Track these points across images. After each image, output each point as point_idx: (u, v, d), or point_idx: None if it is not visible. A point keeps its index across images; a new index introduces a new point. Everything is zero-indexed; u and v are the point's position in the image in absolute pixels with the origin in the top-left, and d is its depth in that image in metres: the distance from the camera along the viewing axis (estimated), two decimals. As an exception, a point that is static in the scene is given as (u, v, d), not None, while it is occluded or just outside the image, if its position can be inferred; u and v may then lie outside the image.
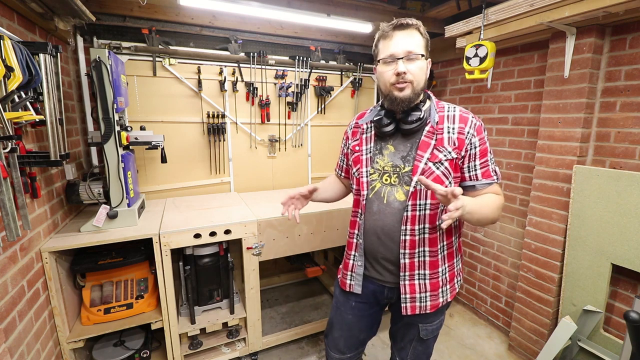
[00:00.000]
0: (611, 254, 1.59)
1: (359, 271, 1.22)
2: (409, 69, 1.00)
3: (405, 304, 1.14)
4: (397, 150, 1.12)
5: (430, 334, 1.23)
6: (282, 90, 2.57)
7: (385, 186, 1.11)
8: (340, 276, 1.31)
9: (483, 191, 1.09)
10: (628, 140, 1.58)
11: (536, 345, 1.96)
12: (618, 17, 1.47)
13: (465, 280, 2.62)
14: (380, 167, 1.13)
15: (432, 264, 1.12)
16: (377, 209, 1.12)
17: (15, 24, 1.33)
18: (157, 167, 2.32)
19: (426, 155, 1.05)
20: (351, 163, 1.22)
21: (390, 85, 1.04)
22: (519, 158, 2.11)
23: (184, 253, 1.82)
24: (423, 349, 1.27)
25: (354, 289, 1.23)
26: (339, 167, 1.40)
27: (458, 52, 2.05)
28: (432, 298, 1.14)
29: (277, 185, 2.77)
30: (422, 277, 1.13)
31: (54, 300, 1.49)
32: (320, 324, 2.19)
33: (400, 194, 1.09)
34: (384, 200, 1.11)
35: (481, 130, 1.08)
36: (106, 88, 1.56)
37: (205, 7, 1.93)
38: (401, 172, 1.09)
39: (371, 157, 1.15)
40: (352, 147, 1.22)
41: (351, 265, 1.24)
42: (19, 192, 1.16)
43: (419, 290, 1.13)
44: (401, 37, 1.01)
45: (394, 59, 1.01)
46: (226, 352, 1.94)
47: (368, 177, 1.14)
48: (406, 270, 1.11)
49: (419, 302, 1.14)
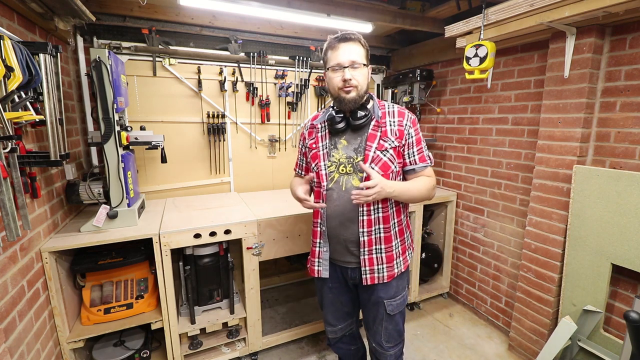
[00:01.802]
0: (611, 254, 1.58)
1: (324, 256, 1.38)
2: (353, 75, 1.19)
3: (365, 276, 1.31)
4: (350, 143, 1.29)
5: (396, 309, 1.37)
6: (282, 90, 2.57)
7: (342, 175, 1.29)
8: (309, 265, 1.44)
9: (420, 173, 1.30)
10: (628, 140, 1.58)
11: (536, 345, 1.96)
12: (618, 17, 1.47)
13: (465, 280, 2.62)
14: (337, 159, 1.30)
15: (386, 239, 1.30)
16: (336, 197, 1.29)
17: (15, 24, 1.33)
18: (157, 167, 2.32)
19: (374, 145, 1.25)
20: (309, 160, 1.38)
21: (338, 89, 1.22)
22: (519, 158, 2.11)
23: (184, 253, 1.82)
24: (393, 326, 1.40)
25: (322, 274, 1.39)
26: (299, 167, 1.55)
27: (458, 52, 2.05)
28: (388, 269, 1.32)
29: (277, 185, 2.77)
30: (379, 252, 1.31)
31: (54, 300, 1.49)
32: (320, 324, 2.19)
33: (355, 181, 1.27)
34: (343, 187, 1.28)
35: (415, 122, 1.31)
36: (106, 88, 1.56)
37: (205, 7, 1.93)
38: (355, 162, 1.27)
39: (327, 152, 1.32)
40: (310, 145, 1.38)
41: (317, 252, 1.39)
42: (19, 192, 1.16)
43: (377, 263, 1.31)
44: (346, 48, 1.19)
45: (340, 67, 1.19)
46: (226, 352, 1.94)
47: (326, 170, 1.30)
48: (365, 247, 1.29)
49: (377, 273, 1.31)
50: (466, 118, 2.46)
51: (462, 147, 2.51)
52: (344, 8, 2.10)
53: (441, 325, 2.41)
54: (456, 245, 2.67)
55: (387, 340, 1.41)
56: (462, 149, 2.52)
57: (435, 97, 2.71)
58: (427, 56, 2.66)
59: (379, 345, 1.43)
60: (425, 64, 2.73)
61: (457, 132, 2.55)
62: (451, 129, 2.59)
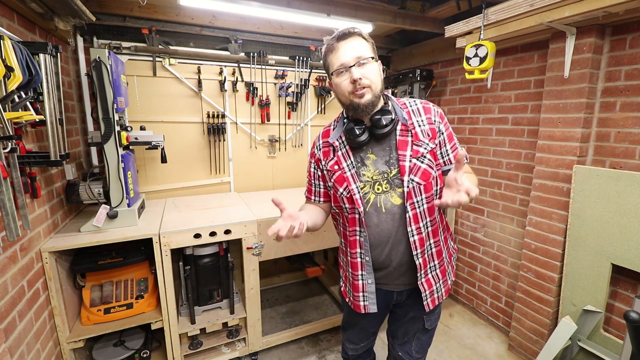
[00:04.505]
0: (611, 254, 1.58)
1: (370, 289, 1.17)
2: (363, 73, 1.00)
3: (426, 301, 1.15)
4: (379, 156, 1.10)
5: (434, 323, 1.28)
6: (282, 90, 2.57)
7: (379, 195, 1.09)
8: (350, 299, 1.24)
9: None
10: (628, 140, 1.58)
11: (536, 345, 1.96)
12: (618, 17, 1.47)
13: (465, 280, 2.62)
14: (369, 177, 1.10)
15: (438, 253, 1.15)
16: (377, 221, 1.10)
17: (15, 24, 1.33)
18: (157, 167, 2.32)
19: (408, 153, 1.06)
20: (332, 184, 1.16)
21: (349, 94, 1.03)
22: (519, 158, 2.11)
23: (184, 253, 1.82)
24: (427, 338, 1.31)
25: (370, 309, 1.18)
26: (315, 194, 1.27)
27: (458, 52, 2.05)
28: (444, 284, 1.19)
29: (277, 185, 2.77)
30: (434, 269, 1.15)
31: (54, 300, 1.49)
32: (321, 324, 2.19)
33: (395, 198, 1.08)
34: (382, 209, 1.09)
35: (443, 116, 1.13)
36: (106, 88, 1.56)
37: (205, 7, 1.92)
38: (390, 177, 1.08)
39: (356, 171, 1.11)
40: (331, 167, 1.16)
41: (361, 285, 1.18)
42: (19, 192, 1.16)
43: (434, 282, 1.16)
44: (347, 46, 1.01)
45: (346, 68, 1.01)
46: (226, 352, 1.94)
47: (360, 193, 1.10)
48: (422, 270, 1.12)
49: (436, 293, 1.17)
50: (466, 118, 2.46)
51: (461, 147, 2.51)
52: (344, 8, 2.10)
53: (441, 325, 2.41)
54: (456, 245, 2.67)
55: (417, 350, 1.31)
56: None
57: (435, 97, 2.70)
58: (427, 56, 2.66)
59: (408, 354, 1.31)
60: (425, 64, 2.73)
61: (457, 132, 2.55)
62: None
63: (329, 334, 2.28)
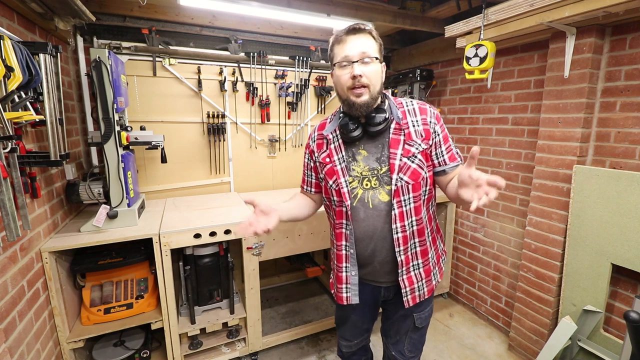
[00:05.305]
0: (611, 254, 1.59)
1: (353, 281, 1.21)
2: (364, 71, 1.01)
3: (406, 297, 1.18)
4: (370, 153, 1.12)
5: (425, 322, 1.29)
6: (282, 90, 2.57)
7: (367, 191, 1.12)
8: (334, 291, 1.28)
9: (451, 174, 1.13)
10: (628, 140, 1.58)
11: (536, 345, 1.96)
12: (618, 17, 1.47)
13: (465, 280, 2.62)
14: (358, 173, 1.12)
15: (423, 253, 1.17)
16: (364, 215, 1.12)
17: (15, 24, 1.33)
18: (157, 167, 2.32)
19: (399, 152, 1.08)
20: (323, 176, 1.19)
21: (347, 89, 1.05)
22: (519, 158, 2.11)
23: (184, 253, 1.82)
24: (418, 337, 1.32)
25: (352, 301, 1.22)
26: (307, 184, 1.33)
27: (458, 52, 2.05)
28: (427, 283, 1.20)
29: (277, 185, 2.77)
30: (417, 267, 1.17)
31: (54, 300, 1.49)
32: (320, 324, 2.19)
33: (383, 195, 1.10)
34: (369, 204, 1.11)
35: (439, 118, 1.13)
36: (106, 88, 1.56)
37: (205, 7, 1.92)
38: (380, 174, 1.11)
39: (346, 165, 1.14)
40: (322, 159, 1.19)
41: (345, 277, 1.21)
42: (19, 192, 1.16)
43: (416, 280, 1.18)
44: (355, 40, 1.02)
45: (349, 62, 1.02)
46: (226, 352, 1.94)
47: (348, 186, 1.13)
48: (403, 266, 1.14)
49: (418, 291, 1.19)
50: (466, 118, 2.46)
51: (462, 147, 2.51)
52: (344, 8, 2.10)
53: (441, 325, 2.41)
54: (456, 245, 2.67)
55: (410, 349, 1.32)
56: (462, 149, 2.51)
57: (435, 97, 2.71)
58: (427, 56, 2.66)
59: (401, 353, 1.33)
60: (425, 64, 2.73)
61: (457, 132, 2.55)
62: (451, 129, 2.59)
63: (329, 334, 2.28)
